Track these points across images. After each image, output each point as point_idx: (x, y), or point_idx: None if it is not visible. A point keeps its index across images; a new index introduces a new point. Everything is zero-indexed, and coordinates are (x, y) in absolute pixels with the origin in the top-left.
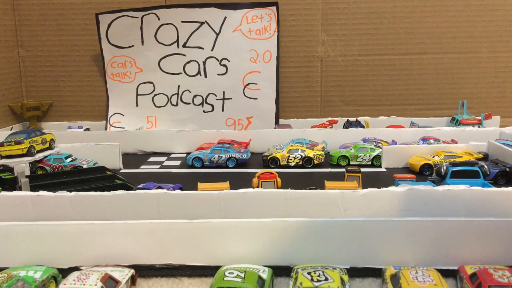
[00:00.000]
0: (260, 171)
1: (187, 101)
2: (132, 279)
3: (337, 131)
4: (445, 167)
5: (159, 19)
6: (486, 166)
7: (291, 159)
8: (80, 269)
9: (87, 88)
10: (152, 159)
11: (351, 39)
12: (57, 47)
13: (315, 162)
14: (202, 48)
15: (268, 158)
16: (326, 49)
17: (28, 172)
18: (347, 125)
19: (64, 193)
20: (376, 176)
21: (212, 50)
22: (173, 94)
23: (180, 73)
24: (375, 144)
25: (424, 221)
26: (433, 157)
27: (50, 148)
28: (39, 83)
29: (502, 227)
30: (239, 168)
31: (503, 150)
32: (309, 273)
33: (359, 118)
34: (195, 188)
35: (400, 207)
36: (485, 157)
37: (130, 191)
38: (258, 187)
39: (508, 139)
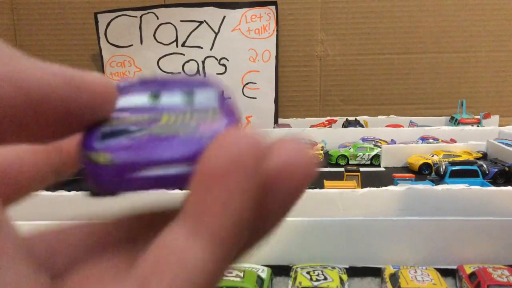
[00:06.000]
0: None
1: None
2: None
3: (336, 131)
4: (444, 166)
5: (158, 18)
6: (485, 165)
7: None
8: None
9: None
10: None
11: (350, 38)
12: (55, 46)
13: None
14: (201, 48)
15: None
16: (325, 48)
17: None
18: (346, 124)
19: (62, 193)
20: (375, 176)
21: (211, 49)
22: None
23: (179, 73)
24: (374, 143)
25: (423, 220)
26: (432, 156)
27: None
28: None
29: (501, 226)
30: None
31: (502, 149)
32: (308, 273)
33: (358, 118)
34: None
35: (399, 207)
36: (484, 157)
37: None
38: None
39: (507, 138)
